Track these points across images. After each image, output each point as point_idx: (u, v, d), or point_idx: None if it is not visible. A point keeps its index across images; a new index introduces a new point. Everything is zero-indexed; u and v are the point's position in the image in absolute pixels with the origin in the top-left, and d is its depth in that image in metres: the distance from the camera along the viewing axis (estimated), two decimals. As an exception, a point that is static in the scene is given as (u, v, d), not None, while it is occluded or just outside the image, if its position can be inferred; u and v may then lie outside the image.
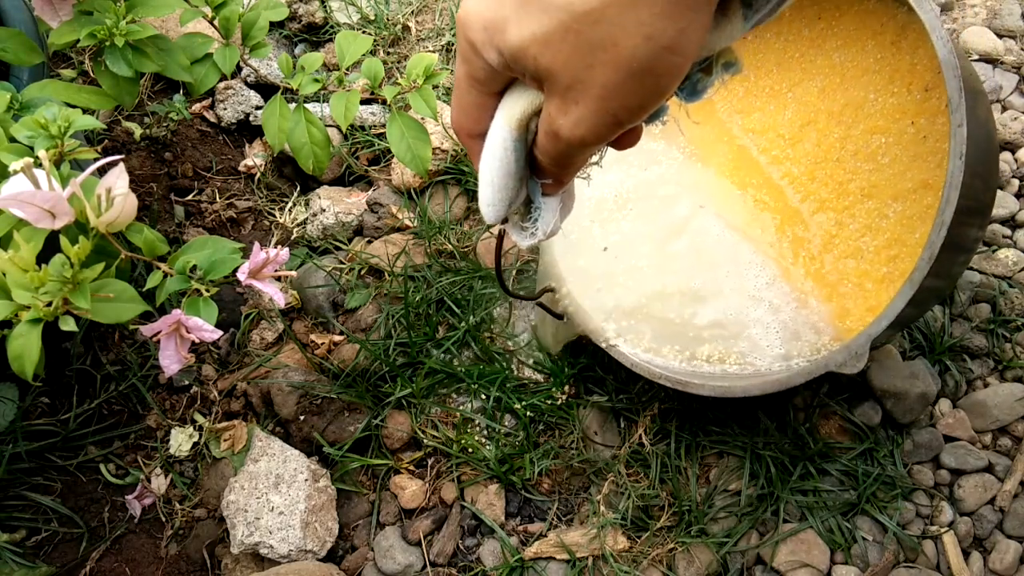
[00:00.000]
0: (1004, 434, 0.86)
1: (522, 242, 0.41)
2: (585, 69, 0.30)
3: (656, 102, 0.32)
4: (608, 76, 0.30)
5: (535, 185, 0.38)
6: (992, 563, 0.80)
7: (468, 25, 0.33)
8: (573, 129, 0.32)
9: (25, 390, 0.88)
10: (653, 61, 0.30)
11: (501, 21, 0.31)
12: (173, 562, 0.85)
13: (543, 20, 0.30)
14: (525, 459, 0.85)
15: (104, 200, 0.57)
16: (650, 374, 0.78)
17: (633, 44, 0.29)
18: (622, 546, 0.81)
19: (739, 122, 0.89)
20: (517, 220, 0.40)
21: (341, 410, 0.89)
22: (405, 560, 0.82)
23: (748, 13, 0.33)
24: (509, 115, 0.35)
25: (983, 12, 1.11)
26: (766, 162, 0.86)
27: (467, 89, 0.35)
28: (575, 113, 0.32)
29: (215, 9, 0.77)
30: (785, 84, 0.86)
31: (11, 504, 0.85)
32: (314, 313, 0.97)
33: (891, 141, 0.78)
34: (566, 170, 0.36)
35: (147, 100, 1.10)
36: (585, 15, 0.29)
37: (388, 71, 1.13)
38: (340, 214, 1.03)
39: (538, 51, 0.31)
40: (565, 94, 0.32)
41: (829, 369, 0.64)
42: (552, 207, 0.39)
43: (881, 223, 0.78)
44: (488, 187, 0.36)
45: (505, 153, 0.35)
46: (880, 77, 0.79)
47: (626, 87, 0.31)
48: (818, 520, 0.81)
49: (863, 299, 0.78)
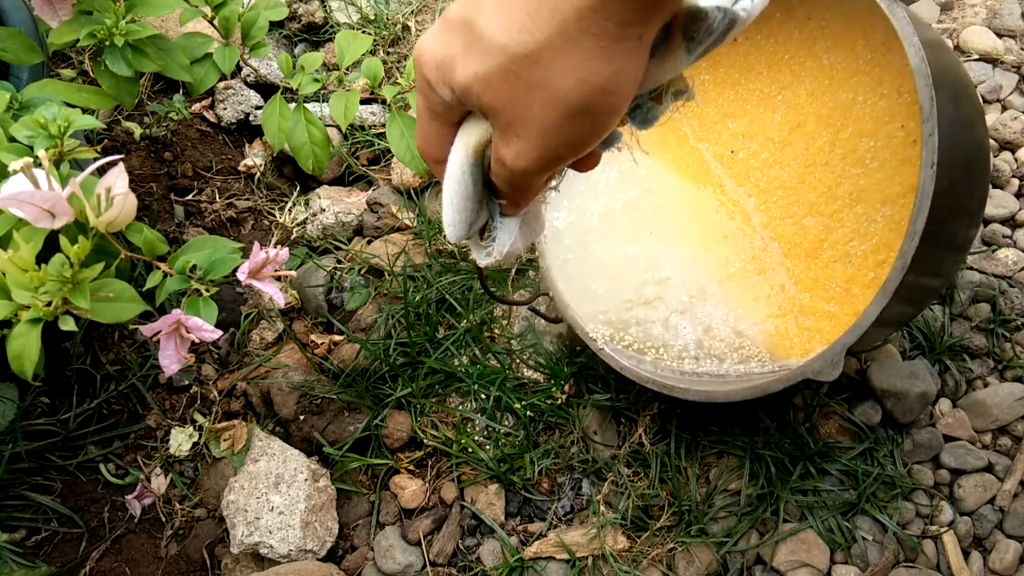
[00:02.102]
0: (1004, 434, 0.86)
1: (481, 260, 0.42)
2: (524, 108, 0.32)
3: (596, 138, 0.33)
4: (546, 115, 0.31)
5: (494, 206, 0.39)
6: (992, 563, 0.80)
7: (422, 63, 0.34)
8: (515, 161, 0.34)
9: (25, 390, 0.88)
10: (588, 102, 0.31)
11: (450, 60, 0.33)
12: (173, 562, 0.85)
13: (484, 61, 0.31)
14: (525, 459, 0.85)
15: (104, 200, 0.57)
16: (638, 378, 0.78)
17: (568, 86, 0.30)
18: (622, 546, 0.81)
19: (729, 125, 0.88)
20: (477, 239, 0.42)
21: (341, 410, 0.89)
22: (405, 560, 0.82)
23: (691, 46, 0.33)
24: (466, 143, 0.36)
25: (983, 12, 1.11)
26: (755, 166, 0.86)
27: (428, 121, 0.37)
28: (516, 146, 0.33)
29: (215, 9, 0.77)
30: (775, 87, 0.85)
31: (11, 504, 0.85)
32: (314, 313, 0.97)
33: (880, 145, 0.78)
34: (521, 194, 0.38)
35: (147, 100, 1.10)
36: (522, 57, 0.30)
37: (388, 71, 1.13)
38: (340, 214, 1.03)
39: (480, 90, 0.32)
40: (507, 129, 0.33)
41: (806, 376, 0.65)
42: (510, 228, 0.40)
43: (870, 228, 0.78)
44: (449, 208, 0.38)
45: (463, 177, 0.37)
46: (869, 79, 0.78)
47: (564, 125, 0.32)
48: (818, 520, 0.81)
49: (850, 304, 0.78)
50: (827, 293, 0.79)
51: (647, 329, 0.85)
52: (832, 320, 0.79)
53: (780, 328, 0.81)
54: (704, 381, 0.80)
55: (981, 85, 1.05)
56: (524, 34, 0.30)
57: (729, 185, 0.88)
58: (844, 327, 0.77)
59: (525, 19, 0.30)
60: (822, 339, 0.79)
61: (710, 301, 0.85)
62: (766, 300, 0.82)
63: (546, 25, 0.30)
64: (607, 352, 0.81)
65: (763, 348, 0.81)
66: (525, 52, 0.30)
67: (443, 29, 0.33)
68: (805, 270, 0.82)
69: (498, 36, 0.31)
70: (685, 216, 0.89)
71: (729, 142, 0.88)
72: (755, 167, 0.86)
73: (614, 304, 0.86)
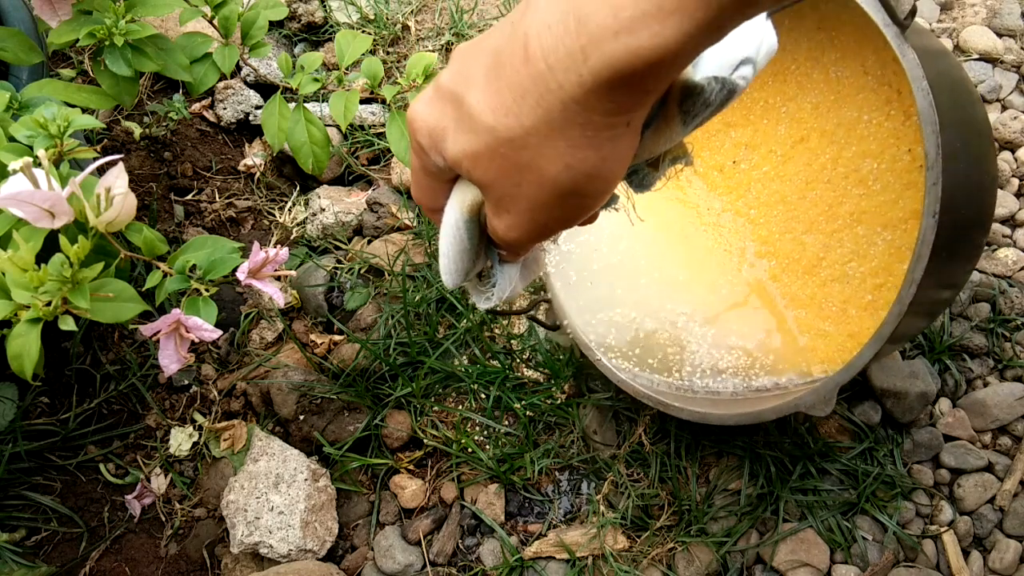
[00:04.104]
0: (1004, 433, 0.86)
1: (480, 304, 0.42)
2: (513, 186, 0.32)
3: (585, 214, 0.33)
4: (534, 194, 0.32)
5: (493, 254, 0.39)
6: (992, 562, 0.80)
7: (415, 128, 0.34)
8: (507, 232, 0.34)
9: (25, 390, 0.88)
10: (575, 186, 0.31)
11: (441, 131, 0.33)
12: (173, 562, 0.85)
13: (473, 139, 0.31)
14: (525, 459, 0.85)
15: (103, 199, 0.57)
16: (634, 391, 0.78)
17: (555, 171, 0.30)
18: (622, 545, 0.81)
19: (732, 135, 0.87)
20: (476, 283, 0.42)
21: (341, 410, 0.89)
22: (405, 560, 0.82)
23: (687, 119, 0.33)
24: (460, 201, 0.36)
25: (983, 11, 1.11)
26: (756, 178, 0.85)
27: (422, 177, 0.37)
28: (507, 220, 0.33)
29: (214, 8, 0.77)
30: (780, 98, 0.84)
31: (11, 504, 0.85)
32: (314, 313, 0.97)
33: (883, 167, 0.76)
34: (521, 250, 0.38)
35: (147, 99, 1.10)
36: (509, 141, 0.30)
37: (388, 70, 1.13)
38: (340, 213, 1.03)
39: (470, 166, 0.32)
40: (497, 203, 0.33)
41: (799, 409, 0.65)
42: (510, 275, 0.40)
43: (870, 250, 0.77)
44: (445, 258, 0.38)
45: (458, 232, 0.37)
46: (876, 97, 0.76)
47: (552, 205, 0.32)
48: (818, 519, 0.81)
49: (845, 324, 0.77)
50: (823, 312, 0.79)
51: (645, 341, 0.85)
52: (826, 339, 0.78)
53: (773, 345, 0.81)
54: (699, 399, 0.79)
55: (981, 85, 1.05)
56: (510, 118, 0.30)
57: (726, 199, 0.87)
58: (838, 347, 0.77)
59: (512, 104, 0.30)
60: (816, 357, 0.78)
61: (703, 317, 0.85)
62: (759, 316, 0.82)
63: (532, 112, 0.29)
64: (604, 363, 0.81)
65: (758, 364, 0.81)
66: (511, 136, 0.30)
67: (435, 97, 0.33)
68: (802, 287, 0.81)
69: (486, 117, 0.30)
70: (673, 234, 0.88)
71: (731, 152, 0.87)
72: (756, 179, 0.85)
73: (612, 314, 0.86)
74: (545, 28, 0.28)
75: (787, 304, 0.82)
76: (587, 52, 0.27)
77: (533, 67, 0.29)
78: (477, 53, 0.31)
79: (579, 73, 0.28)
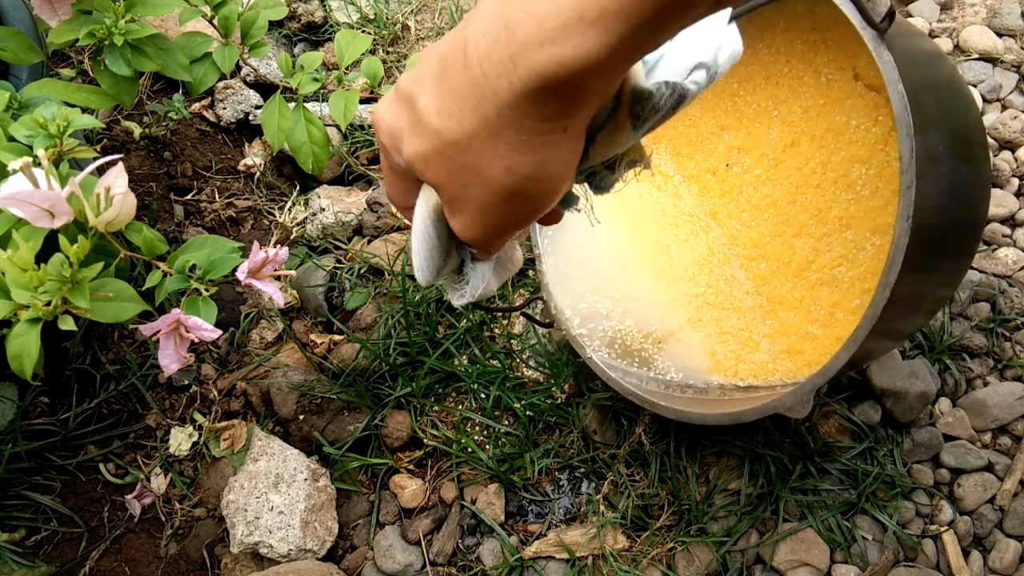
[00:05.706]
0: (1004, 433, 0.86)
1: (455, 301, 0.43)
2: (462, 187, 0.33)
3: (536, 214, 0.34)
4: (482, 196, 0.32)
5: (465, 251, 0.40)
6: (992, 562, 0.80)
7: (378, 129, 0.35)
8: (463, 231, 0.35)
9: (24, 390, 0.88)
10: (517, 188, 0.32)
11: (399, 132, 0.34)
12: (173, 562, 0.85)
13: (423, 141, 0.32)
14: (525, 458, 0.85)
15: (103, 199, 0.57)
16: (622, 389, 0.78)
17: (497, 173, 0.31)
18: (622, 545, 0.81)
19: (725, 138, 0.87)
20: (452, 280, 0.42)
21: (341, 409, 0.89)
22: (405, 559, 0.82)
23: (637, 123, 0.34)
24: (427, 200, 0.37)
25: (983, 11, 1.11)
26: (748, 181, 0.85)
27: (390, 176, 0.38)
28: (461, 220, 0.34)
29: (214, 8, 0.77)
30: (772, 101, 0.83)
31: (11, 504, 0.85)
32: (314, 312, 0.97)
33: (872, 173, 0.76)
34: (486, 249, 0.38)
35: (146, 99, 1.10)
36: (454, 143, 0.31)
37: (388, 70, 1.13)
38: (340, 213, 1.03)
39: (422, 167, 0.33)
40: (450, 204, 0.34)
41: (777, 411, 0.65)
42: (482, 272, 0.41)
43: (858, 255, 0.77)
44: (416, 256, 0.39)
45: (427, 230, 0.37)
46: (864, 102, 0.76)
47: (500, 205, 0.33)
48: (818, 519, 0.81)
49: (833, 328, 0.77)
50: (811, 315, 0.79)
51: (632, 339, 0.85)
52: (814, 342, 0.78)
53: (762, 346, 0.81)
54: (686, 399, 0.79)
55: (981, 84, 1.05)
56: (453, 122, 0.31)
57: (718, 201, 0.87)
58: (825, 350, 0.77)
59: (454, 108, 0.31)
60: (803, 360, 0.78)
61: (690, 317, 0.85)
62: (747, 318, 0.82)
63: (472, 117, 0.30)
64: (595, 361, 0.81)
65: (745, 366, 0.81)
66: (455, 139, 0.31)
67: (395, 99, 0.34)
68: (791, 290, 0.81)
69: (433, 120, 0.31)
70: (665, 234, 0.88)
71: (724, 155, 0.87)
72: (748, 183, 0.85)
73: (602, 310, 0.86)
74: (481, 36, 0.29)
75: (775, 307, 0.82)
76: (516, 60, 0.28)
77: (471, 73, 0.30)
78: (431, 57, 0.32)
79: (510, 80, 0.28)
